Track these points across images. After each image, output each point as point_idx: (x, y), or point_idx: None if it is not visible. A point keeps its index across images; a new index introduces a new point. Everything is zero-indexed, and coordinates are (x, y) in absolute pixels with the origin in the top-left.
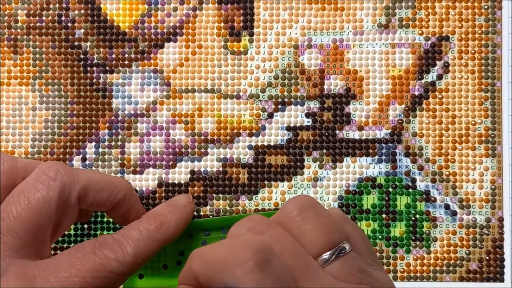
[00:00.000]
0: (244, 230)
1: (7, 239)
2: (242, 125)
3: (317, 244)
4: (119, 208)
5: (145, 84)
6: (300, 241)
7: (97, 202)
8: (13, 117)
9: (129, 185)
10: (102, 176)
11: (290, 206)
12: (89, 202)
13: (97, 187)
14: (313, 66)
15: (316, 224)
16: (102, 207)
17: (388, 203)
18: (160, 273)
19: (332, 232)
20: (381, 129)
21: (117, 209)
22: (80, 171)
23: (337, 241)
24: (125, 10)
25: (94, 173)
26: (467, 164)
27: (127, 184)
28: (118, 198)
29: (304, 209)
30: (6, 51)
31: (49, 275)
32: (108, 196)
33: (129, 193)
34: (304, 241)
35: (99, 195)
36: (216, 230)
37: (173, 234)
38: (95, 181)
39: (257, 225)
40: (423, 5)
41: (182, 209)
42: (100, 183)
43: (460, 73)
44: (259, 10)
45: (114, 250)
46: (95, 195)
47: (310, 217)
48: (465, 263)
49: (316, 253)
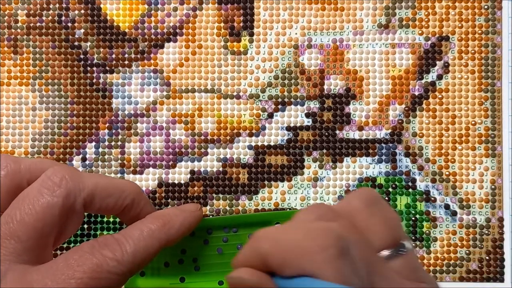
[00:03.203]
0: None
1: (8, 243)
2: (242, 125)
3: (382, 238)
4: (128, 212)
5: (145, 84)
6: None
7: (104, 208)
8: (13, 117)
9: (137, 189)
10: (109, 181)
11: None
12: (95, 208)
13: (104, 193)
14: (313, 66)
15: (383, 219)
16: (110, 212)
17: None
18: (161, 272)
19: (395, 229)
20: (381, 129)
21: (127, 213)
22: (86, 176)
23: (399, 238)
24: (125, 10)
25: (101, 178)
26: (467, 164)
27: (135, 188)
28: (126, 203)
29: (371, 203)
30: (6, 51)
31: (46, 278)
32: (116, 201)
33: (137, 197)
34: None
35: (106, 201)
36: (219, 229)
37: (176, 235)
38: (102, 186)
39: (326, 213)
40: (423, 5)
41: (189, 214)
42: (107, 189)
43: (460, 73)
44: (259, 10)
45: (113, 250)
46: (101, 201)
47: (377, 211)
48: (465, 263)
49: (379, 247)
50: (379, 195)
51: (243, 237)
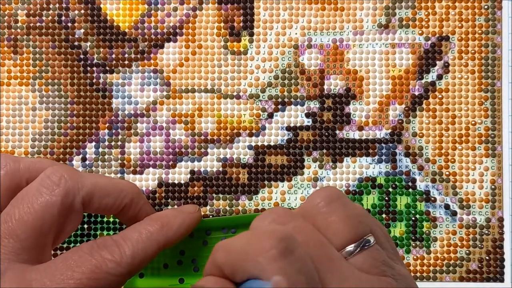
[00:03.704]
0: (267, 222)
1: (7, 242)
2: (242, 125)
3: (343, 236)
4: (127, 212)
5: (145, 84)
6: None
7: (103, 207)
8: (13, 117)
9: (136, 188)
10: (108, 180)
11: (316, 197)
12: (94, 207)
13: (103, 192)
14: (313, 66)
15: (343, 216)
16: (109, 211)
17: (388, 203)
18: (160, 273)
19: (357, 225)
20: (381, 129)
21: (125, 213)
22: (85, 175)
23: (362, 234)
24: (125, 10)
25: (100, 177)
26: (467, 164)
27: (134, 188)
28: (124, 202)
29: (331, 201)
30: (6, 51)
31: (45, 278)
32: (114, 201)
33: (136, 197)
34: (330, 233)
35: (104, 200)
36: (217, 230)
37: (174, 237)
38: (101, 186)
39: (279, 217)
40: (423, 5)
41: (187, 215)
42: (106, 188)
43: (460, 73)
44: (259, 10)
45: (111, 251)
46: (100, 200)
47: (337, 209)
48: (465, 263)
49: (341, 244)
50: (340, 192)
51: None
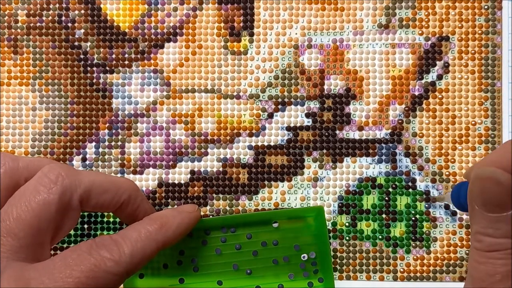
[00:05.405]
0: None
1: (5, 241)
2: (242, 125)
3: None
4: (125, 209)
5: (145, 84)
6: None
7: (101, 204)
8: (13, 117)
9: (134, 185)
10: (105, 177)
11: None
12: (92, 205)
13: (100, 189)
14: (313, 66)
15: None
16: (107, 208)
17: (388, 203)
18: (160, 273)
19: None
20: (381, 129)
21: (123, 210)
22: (83, 173)
23: None
24: (125, 10)
25: (97, 175)
26: (467, 164)
27: (131, 184)
28: (122, 199)
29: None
30: (6, 51)
31: (43, 276)
32: (112, 197)
33: (134, 193)
34: None
35: (102, 197)
36: (217, 230)
37: (173, 237)
38: (98, 183)
39: None
40: (423, 5)
41: (186, 215)
42: (103, 185)
43: (460, 73)
44: (259, 10)
45: (110, 250)
46: (98, 197)
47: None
48: (465, 263)
49: None
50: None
51: (241, 237)
